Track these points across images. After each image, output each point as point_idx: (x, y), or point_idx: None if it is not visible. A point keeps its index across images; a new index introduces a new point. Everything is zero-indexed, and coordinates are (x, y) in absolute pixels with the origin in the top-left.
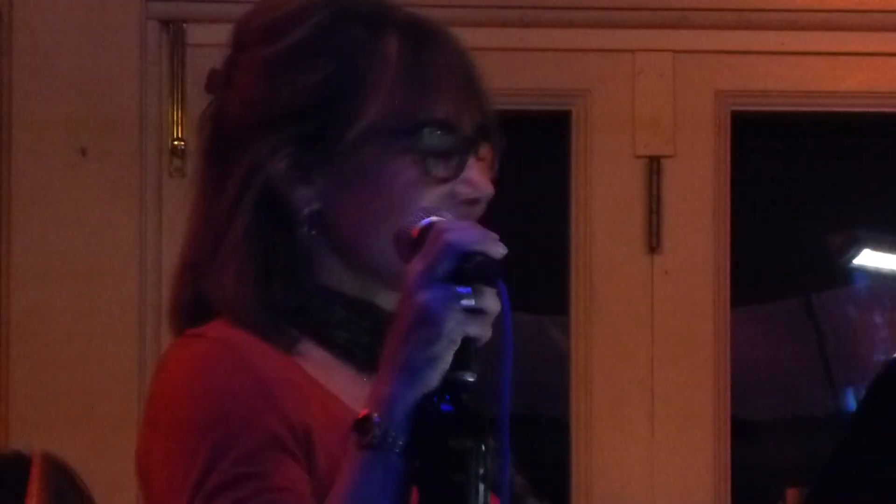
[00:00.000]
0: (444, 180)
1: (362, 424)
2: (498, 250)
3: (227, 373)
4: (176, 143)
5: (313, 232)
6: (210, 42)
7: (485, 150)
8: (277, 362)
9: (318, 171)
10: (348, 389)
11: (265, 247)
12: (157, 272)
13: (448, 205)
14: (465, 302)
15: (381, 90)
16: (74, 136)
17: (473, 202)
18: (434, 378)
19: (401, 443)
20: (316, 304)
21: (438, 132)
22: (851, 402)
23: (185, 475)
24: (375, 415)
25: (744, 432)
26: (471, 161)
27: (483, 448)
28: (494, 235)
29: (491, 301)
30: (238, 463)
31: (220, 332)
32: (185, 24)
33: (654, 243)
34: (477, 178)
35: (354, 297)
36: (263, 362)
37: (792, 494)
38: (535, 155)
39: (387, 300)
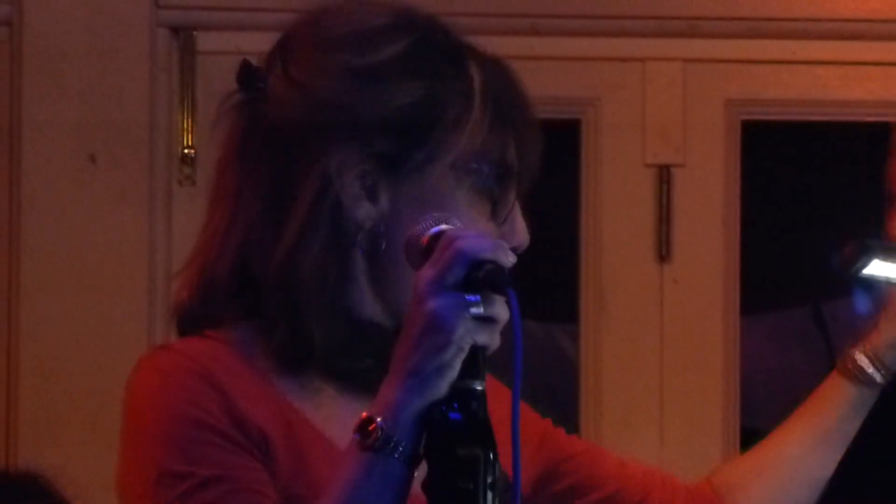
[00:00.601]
0: (501, 222)
1: (365, 426)
2: (508, 259)
3: (185, 382)
4: (186, 150)
5: (361, 250)
6: (220, 50)
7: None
8: (245, 375)
9: (385, 192)
10: (335, 413)
11: (344, 268)
12: (167, 280)
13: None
14: (474, 310)
15: (467, 126)
16: (84, 143)
17: (514, 251)
18: (442, 385)
19: (402, 449)
20: (333, 331)
21: (508, 174)
22: None
23: (146, 481)
24: (379, 418)
25: (753, 441)
26: (517, 206)
27: (492, 456)
28: (505, 244)
29: (500, 309)
30: (195, 466)
31: (186, 345)
32: (195, 32)
33: (663, 252)
34: (521, 227)
35: (375, 321)
36: (223, 370)
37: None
38: (545, 163)
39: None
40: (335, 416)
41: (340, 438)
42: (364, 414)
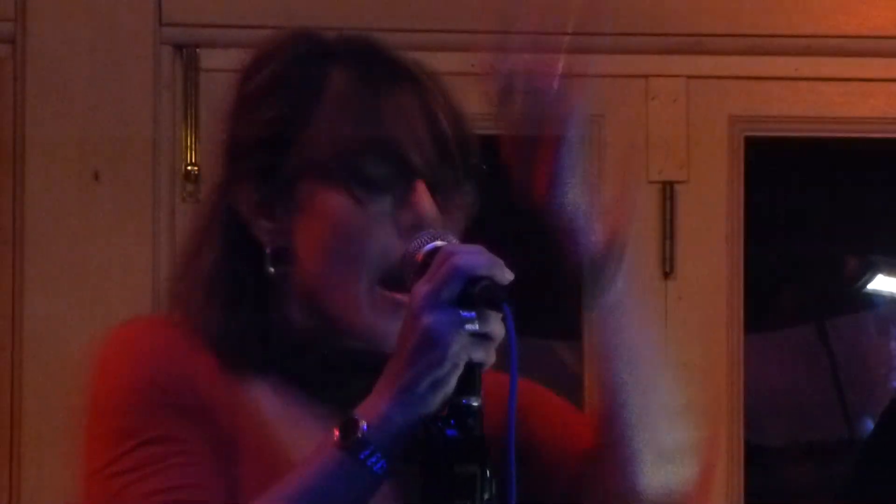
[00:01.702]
0: (379, 209)
1: (348, 426)
2: (504, 276)
3: (130, 357)
4: (189, 167)
5: (272, 269)
6: (223, 67)
7: (448, 182)
8: (200, 358)
9: (277, 207)
10: (291, 417)
11: (233, 276)
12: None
13: (394, 235)
14: (469, 326)
15: (318, 124)
16: (87, 160)
17: (415, 228)
18: (434, 401)
19: (375, 459)
20: (273, 333)
21: (372, 159)
22: (865, 427)
23: (93, 442)
24: (364, 422)
25: (757, 458)
26: (419, 188)
27: (488, 474)
28: (501, 261)
29: (496, 326)
30: (141, 428)
31: (146, 321)
32: (198, 49)
33: (667, 269)
34: (420, 204)
35: (314, 329)
36: (181, 350)
37: None
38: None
39: (349, 340)
40: (300, 420)
41: (295, 441)
42: (353, 416)
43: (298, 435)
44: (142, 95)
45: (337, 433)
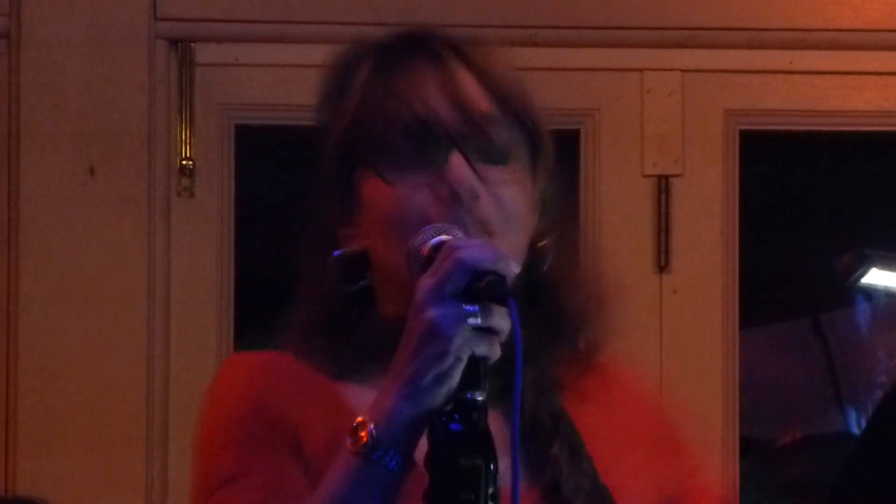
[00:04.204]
0: (414, 186)
1: (356, 431)
2: (510, 270)
3: (234, 393)
4: (184, 162)
5: (366, 275)
6: (218, 62)
7: (485, 147)
8: (308, 383)
9: (347, 211)
10: None
11: (325, 284)
12: (166, 291)
13: (435, 207)
14: (472, 320)
15: (344, 117)
16: (83, 155)
17: (455, 199)
18: (439, 395)
19: (390, 457)
20: (374, 331)
21: (398, 140)
22: (860, 420)
23: (196, 476)
24: (371, 424)
25: (752, 451)
26: (455, 159)
27: (493, 467)
28: (506, 256)
29: (500, 320)
30: (241, 470)
31: (251, 358)
32: (193, 44)
33: (662, 262)
34: (456, 174)
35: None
36: (287, 379)
37: None
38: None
39: None
40: None
41: None
42: (358, 419)
43: None
44: (137, 90)
45: (349, 440)
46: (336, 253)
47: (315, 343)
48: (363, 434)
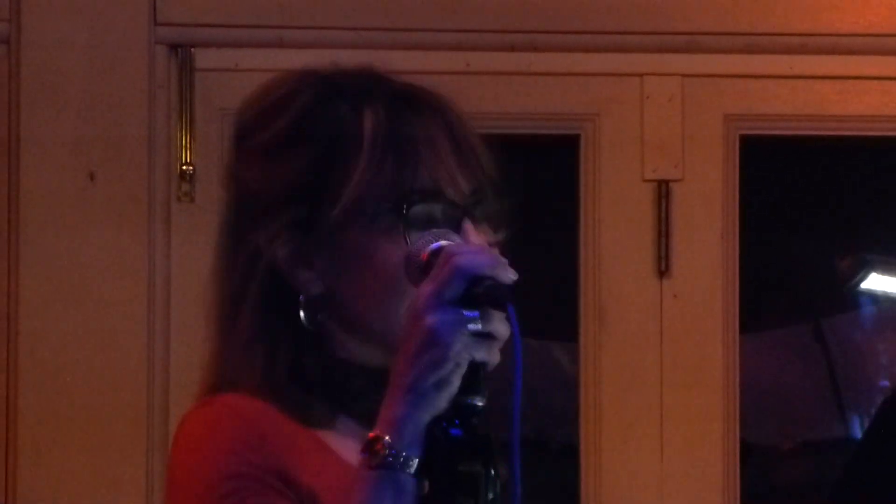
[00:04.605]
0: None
1: (371, 445)
2: (508, 275)
3: (228, 435)
4: (184, 167)
5: (319, 317)
6: (218, 67)
7: (484, 215)
8: (286, 428)
9: (316, 255)
10: None
11: (275, 328)
12: (166, 297)
13: None
14: (472, 326)
15: (357, 168)
16: (82, 160)
17: None
18: (442, 400)
19: (412, 463)
20: (335, 377)
21: (419, 204)
22: (861, 425)
23: None
24: (386, 437)
25: (753, 456)
26: (467, 227)
27: (492, 473)
28: (505, 260)
29: (499, 325)
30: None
31: (230, 399)
32: (193, 49)
33: (663, 267)
34: (473, 242)
35: (376, 367)
36: (270, 426)
37: None
38: (544, 179)
39: None
40: None
41: None
42: (370, 434)
43: None
44: (137, 95)
45: (363, 455)
46: (301, 297)
47: (284, 392)
48: (379, 447)
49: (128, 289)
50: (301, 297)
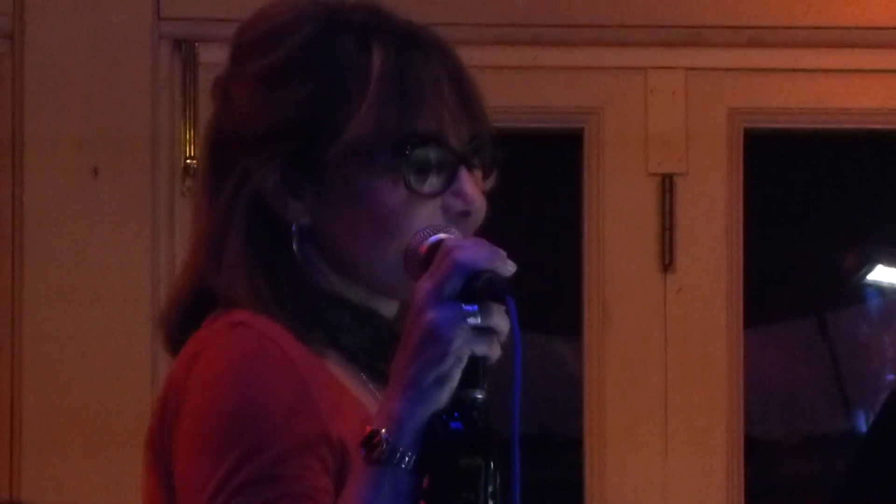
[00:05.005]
0: (431, 195)
1: (370, 440)
2: (507, 268)
3: (271, 368)
4: (188, 162)
5: (305, 248)
6: (222, 62)
7: (480, 162)
8: (311, 361)
9: (308, 188)
10: (360, 391)
11: (266, 254)
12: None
13: (440, 219)
14: (472, 320)
15: (361, 106)
16: (86, 155)
17: (464, 214)
18: (443, 396)
19: (409, 459)
20: (324, 309)
21: (421, 147)
22: (866, 419)
23: (214, 468)
24: (383, 431)
25: (757, 451)
26: (463, 174)
27: (492, 466)
28: (503, 253)
29: (499, 319)
30: (268, 465)
31: (263, 325)
32: (196, 44)
33: (667, 261)
34: (468, 190)
35: (358, 304)
36: (303, 361)
37: None
38: (548, 173)
39: (388, 309)
40: (360, 393)
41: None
42: (367, 428)
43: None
44: (140, 90)
45: (363, 451)
46: (293, 226)
47: (285, 315)
48: (377, 441)
49: (132, 285)
50: (293, 225)
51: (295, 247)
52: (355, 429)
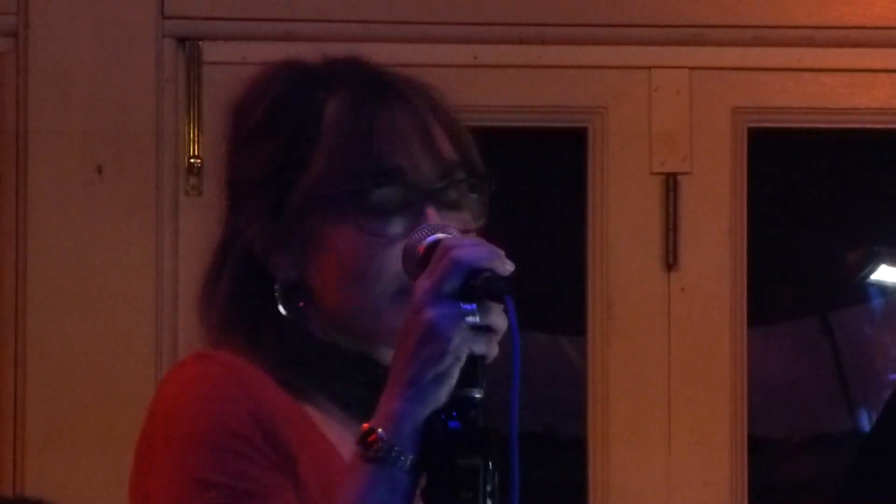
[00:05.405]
0: (395, 237)
1: (366, 437)
2: (506, 267)
3: (226, 393)
4: (192, 160)
5: (296, 301)
6: (225, 60)
7: (456, 198)
8: (284, 400)
9: (288, 242)
10: (346, 439)
11: (254, 304)
12: (174, 290)
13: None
14: (470, 319)
15: (315, 154)
16: (90, 153)
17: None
18: (441, 394)
19: (405, 458)
20: (314, 357)
21: (376, 189)
22: (869, 419)
23: (175, 487)
24: (380, 429)
25: (761, 450)
26: (429, 212)
27: (491, 465)
28: (502, 252)
29: (498, 318)
30: (228, 477)
31: (230, 359)
32: (200, 42)
33: (670, 260)
34: (433, 225)
35: (355, 352)
36: (264, 387)
37: None
38: (552, 172)
39: (384, 354)
40: (345, 441)
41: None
42: (365, 425)
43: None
44: (144, 88)
45: (358, 447)
46: (277, 283)
47: (267, 362)
48: (373, 439)
49: (135, 283)
50: (277, 283)
51: (280, 301)
52: (314, 460)
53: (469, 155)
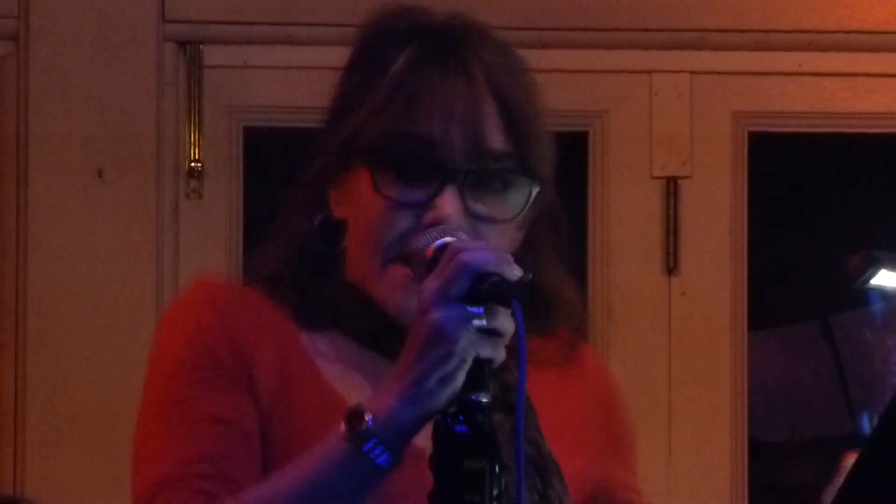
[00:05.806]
0: (404, 205)
1: (352, 417)
2: (513, 272)
3: (194, 313)
4: (192, 164)
5: (322, 244)
6: (226, 63)
7: (489, 184)
8: (269, 318)
9: (340, 179)
10: (351, 379)
11: (300, 239)
12: (174, 293)
13: (416, 228)
14: (477, 322)
15: (363, 107)
16: (91, 157)
17: (435, 223)
18: (443, 397)
19: (378, 452)
20: (334, 294)
21: (401, 152)
22: (870, 422)
23: (147, 405)
24: (369, 416)
25: (761, 453)
26: (449, 190)
27: (497, 469)
28: (510, 257)
29: (505, 322)
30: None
31: (226, 283)
32: (201, 46)
33: (671, 264)
34: (443, 206)
35: (369, 299)
36: (245, 312)
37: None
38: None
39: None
40: (355, 376)
41: (355, 391)
42: (356, 405)
43: (353, 383)
44: (145, 92)
45: (343, 424)
46: (318, 217)
47: (284, 291)
48: (358, 422)
49: (136, 285)
50: (316, 221)
51: (318, 234)
52: (311, 403)
53: (520, 142)
